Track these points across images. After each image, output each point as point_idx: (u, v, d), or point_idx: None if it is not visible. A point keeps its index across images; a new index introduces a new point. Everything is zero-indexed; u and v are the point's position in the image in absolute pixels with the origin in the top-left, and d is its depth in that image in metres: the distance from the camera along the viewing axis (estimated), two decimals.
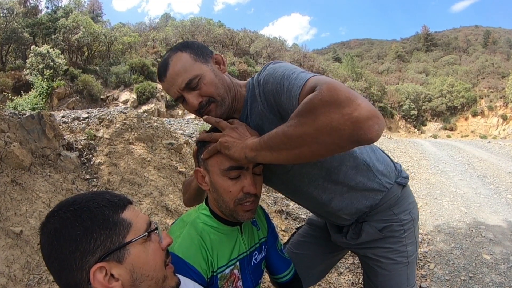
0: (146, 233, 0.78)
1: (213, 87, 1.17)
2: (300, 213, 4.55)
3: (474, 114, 49.54)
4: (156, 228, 0.83)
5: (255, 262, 1.29)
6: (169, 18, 47.00)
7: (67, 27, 24.64)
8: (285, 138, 0.92)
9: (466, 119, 50.54)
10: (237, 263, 1.20)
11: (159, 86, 23.39)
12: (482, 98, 50.12)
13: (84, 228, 0.72)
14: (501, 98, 45.58)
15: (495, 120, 45.35)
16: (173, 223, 1.24)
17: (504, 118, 43.59)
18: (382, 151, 1.49)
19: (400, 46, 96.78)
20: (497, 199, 6.37)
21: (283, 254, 1.45)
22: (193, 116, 21.33)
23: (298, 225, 4.35)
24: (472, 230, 4.63)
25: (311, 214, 1.83)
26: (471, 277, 3.43)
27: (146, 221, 0.81)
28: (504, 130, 42.28)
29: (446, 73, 63.18)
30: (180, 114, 21.85)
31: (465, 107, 51.82)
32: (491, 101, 47.89)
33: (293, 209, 4.62)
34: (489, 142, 18.45)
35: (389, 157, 1.48)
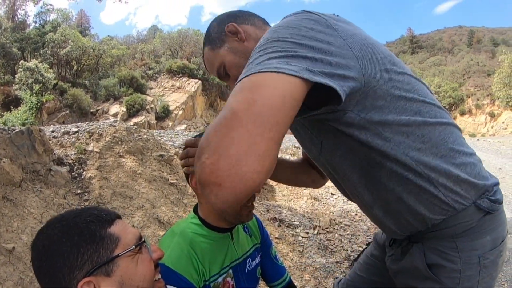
0: (134, 246, 0.79)
1: (236, 69, 1.07)
2: (293, 220, 4.58)
3: (462, 113, 50.26)
4: (144, 241, 0.84)
5: (249, 269, 1.27)
6: (157, 30, 47.02)
7: (55, 41, 24.60)
8: None
9: (455, 118, 51.17)
10: (230, 270, 1.18)
11: (149, 98, 23.44)
12: (469, 97, 50.91)
13: (71, 244, 0.73)
14: (487, 96, 46.24)
15: (483, 118, 46.00)
16: (164, 234, 1.22)
17: (492, 115, 44.23)
18: (473, 154, 1.00)
19: None
20: None
21: (278, 262, 1.42)
22: (183, 127, 21.36)
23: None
24: None
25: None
26: None
27: (135, 235, 0.82)
28: (492, 127, 42.87)
29: (433, 74, 64.12)
30: (170, 125, 21.82)
31: (453, 107, 52.57)
32: (478, 99, 48.63)
33: (286, 216, 4.65)
34: (478, 140, 18.75)
35: (481, 167, 1.00)
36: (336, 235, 4.47)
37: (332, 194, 6.20)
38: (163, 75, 27.39)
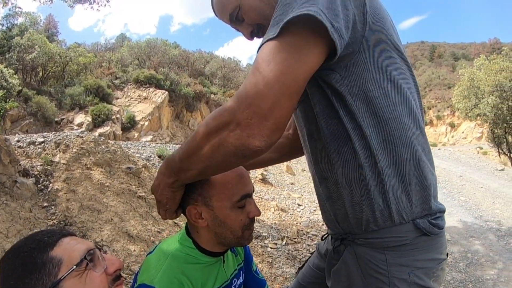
0: (74, 266, 0.75)
1: (254, 13, 1.00)
2: (262, 231, 4.65)
3: (424, 124, 52.33)
4: (90, 256, 0.80)
5: None
6: (125, 39, 45.79)
7: (22, 46, 23.64)
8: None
9: None
10: None
11: (115, 108, 22.86)
12: (430, 109, 52.93)
13: (16, 277, 0.72)
14: (448, 107, 48.13)
15: (443, 128, 47.93)
16: (150, 252, 1.18)
17: (452, 125, 46.19)
18: (433, 172, 0.99)
19: None
20: (451, 201, 6.94)
21: (258, 275, 1.44)
22: (149, 138, 20.99)
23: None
24: None
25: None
26: None
27: (81, 252, 0.78)
28: (452, 137, 44.78)
29: None
30: (136, 136, 21.38)
31: None
32: (439, 111, 50.63)
33: (254, 227, 4.72)
34: (439, 149, 19.67)
35: (432, 187, 0.97)
36: (304, 245, 4.60)
37: (298, 205, 6.34)
38: (130, 85, 26.75)
